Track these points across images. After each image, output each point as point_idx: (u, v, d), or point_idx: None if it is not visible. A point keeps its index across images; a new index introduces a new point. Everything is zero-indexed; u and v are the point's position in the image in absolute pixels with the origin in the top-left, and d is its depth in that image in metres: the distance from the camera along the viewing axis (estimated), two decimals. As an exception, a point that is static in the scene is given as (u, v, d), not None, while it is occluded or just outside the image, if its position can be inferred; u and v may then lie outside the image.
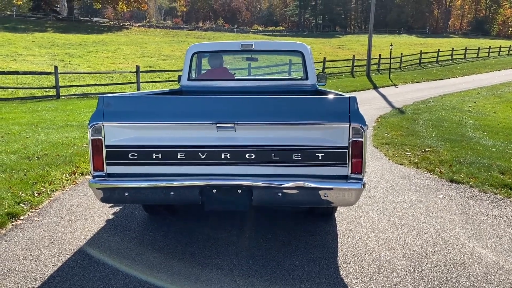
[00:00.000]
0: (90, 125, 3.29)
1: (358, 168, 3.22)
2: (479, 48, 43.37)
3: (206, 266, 3.53)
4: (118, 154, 3.31)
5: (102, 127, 3.27)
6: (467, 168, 6.40)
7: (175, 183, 3.28)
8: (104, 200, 3.45)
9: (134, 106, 3.36)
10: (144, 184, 3.31)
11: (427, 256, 3.70)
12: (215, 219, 4.54)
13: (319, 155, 3.22)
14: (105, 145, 3.29)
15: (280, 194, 3.24)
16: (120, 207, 4.92)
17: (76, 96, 17.07)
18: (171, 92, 5.29)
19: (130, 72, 20.54)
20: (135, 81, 18.70)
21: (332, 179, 3.24)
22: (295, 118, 3.19)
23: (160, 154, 3.29)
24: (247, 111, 3.23)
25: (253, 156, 3.24)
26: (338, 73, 28.11)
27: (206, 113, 3.22)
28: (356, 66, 28.98)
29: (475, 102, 15.85)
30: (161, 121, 3.25)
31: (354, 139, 3.16)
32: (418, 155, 7.38)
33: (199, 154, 3.27)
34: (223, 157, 3.26)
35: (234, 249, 3.81)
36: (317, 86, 5.62)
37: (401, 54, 33.36)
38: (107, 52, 33.28)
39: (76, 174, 6.21)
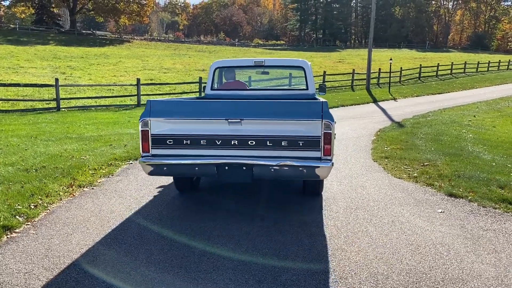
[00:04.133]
0: (141, 120, 4.62)
1: (328, 152, 4.45)
2: (478, 63, 43.58)
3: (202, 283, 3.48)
4: (159, 141, 4.64)
5: (149, 121, 4.60)
6: (466, 182, 6.37)
7: (199, 161, 4.58)
8: (150, 173, 4.77)
9: (170, 107, 4.78)
10: (177, 162, 4.63)
11: (425, 272, 3.65)
12: (213, 226, 4.54)
13: (301, 142, 4.45)
14: (151, 134, 4.62)
15: (272, 170, 4.50)
16: (117, 220, 4.89)
17: (77, 109, 17.11)
18: (197, 99, 6.48)
19: (131, 84, 20.62)
20: (136, 93, 18.77)
21: (309, 159, 4.46)
22: (283, 116, 4.43)
23: (188, 140, 4.60)
24: (249, 111, 4.49)
25: (254, 143, 4.51)
26: (338, 86, 28.20)
27: (221, 112, 4.52)
28: (356, 80, 29.10)
29: (474, 116, 15.84)
30: (189, 118, 4.58)
31: (325, 131, 4.37)
32: (417, 169, 7.36)
33: (216, 141, 4.55)
34: (232, 143, 4.53)
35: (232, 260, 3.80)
36: (316, 95, 6.61)
37: (401, 68, 33.51)
38: (108, 65, 33.48)
39: (74, 186, 6.18)
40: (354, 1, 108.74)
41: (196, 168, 4.64)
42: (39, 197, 5.57)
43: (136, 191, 6.11)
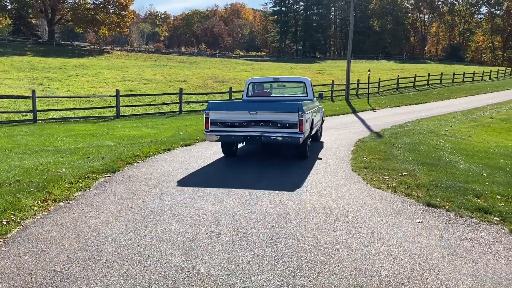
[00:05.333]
0: (206, 112, 8.53)
1: (302, 129, 8.09)
2: (454, 74, 44.67)
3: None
4: (214, 123, 8.43)
5: (209, 113, 8.43)
6: (444, 192, 6.46)
7: (234, 133, 8.36)
8: (209, 140, 8.66)
9: (219, 105, 8.67)
10: (223, 133, 8.38)
11: (404, 283, 3.66)
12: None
13: (287, 123, 8.17)
14: (210, 119, 8.44)
15: (272, 138, 8.17)
16: (93, 235, 4.77)
17: (54, 120, 16.81)
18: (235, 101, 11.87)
19: (110, 96, 20.39)
20: (115, 105, 18.56)
21: (292, 133, 8.13)
22: (278, 110, 8.25)
23: (228, 123, 8.37)
24: (260, 107, 8.32)
25: (263, 124, 8.25)
26: (318, 98, 28.47)
27: (245, 108, 8.35)
28: (335, 90, 29.44)
29: (451, 126, 16.18)
30: (229, 111, 8.41)
31: (300, 118, 8.07)
32: (395, 179, 7.43)
33: (243, 123, 8.30)
34: (251, 124, 8.28)
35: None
36: (314, 99, 10.94)
37: (379, 79, 34.09)
38: (87, 76, 33.07)
39: (49, 201, 6.03)
40: (333, 13, 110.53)
41: (232, 137, 8.52)
42: (12, 212, 5.41)
43: (113, 204, 5.99)
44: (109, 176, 7.66)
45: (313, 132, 10.12)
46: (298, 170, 8.20)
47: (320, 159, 9.40)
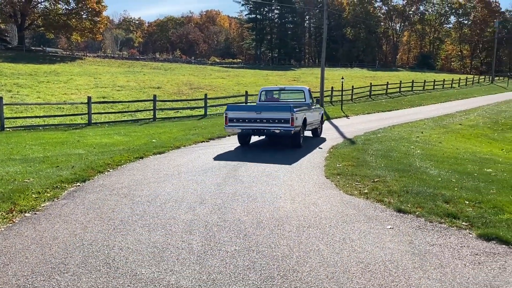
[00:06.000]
0: (225, 112, 11.81)
1: (292, 124, 11.09)
2: (424, 81, 45.79)
3: None
4: (231, 120, 11.59)
5: (227, 112, 11.70)
6: (414, 198, 6.57)
7: (245, 128, 11.52)
8: (228, 132, 12.82)
9: (235, 107, 12.63)
10: (237, 128, 11.64)
11: (374, 290, 3.68)
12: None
13: (283, 120, 11.15)
14: (228, 117, 11.61)
15: (272, 130, 11.25)
16: (60, 247, 4.62)
17: (23, 128, 16.33)
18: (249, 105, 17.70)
19: (82, 103, 19.99)
20: (87, 112, 18.19)
21: (286, 127, 11.11)
22: (277, 110, 11.36)
23: (241, 120, 11.49)
24: (264, 109, 11.56)
25: (265, 121, 11.27)
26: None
27: (254, 110, 11.65)
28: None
29: (422, 132, 16.53)
30: (242, 111, 11.83)
31: (291, 117, 11.03)
32: (368, 185, 7.52)
33: (252, 120, 11.40)
34: (258, 121, 11.33)
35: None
36: (312, 103, 13.84)
37: (353, 86, 34.62)
38: (59, 83, 32.34)
39: (14, 212, 5.82)
40: (307, 22, 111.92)
41: (244, 130, 11.53)
42: (-26, 224, 5.19)
43: (82, 215, 5.83)
44: (78, 186, 7.47)
45: (311, 128, 13.78)
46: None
47: (294, 166, 9.44)
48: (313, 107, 13.73)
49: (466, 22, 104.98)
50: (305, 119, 12.30)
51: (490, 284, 3.87)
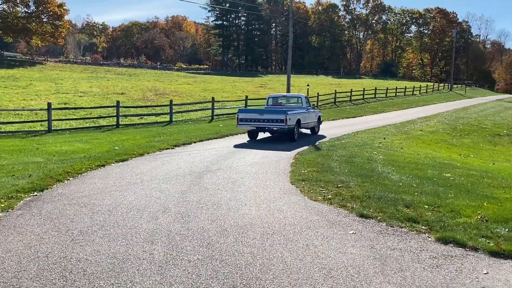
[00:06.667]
0: (237, 114, 15.23)
1: (286, 123, 14.27)
2: (387, 89, 47.08)
3: None
4: (241, 119, 14.89)
5: (238, 114, 15.08)
6: (376, 203, 6.69)
7: (252, 125, 14.89)
8: (239, 129, 15.90)
9: (244, 110, 16.17)
10: (245, 126, 15.13)
11: (337, 295, 3.70)
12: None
13: (279, 120, 14.35)
14: (239, 118, 14.94)
15: (271, 128, 14.77)
16: (13, 261, 4.41)
17: (-23, 135, 15.58)
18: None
19: (41, 109, 19.33)
20: (47, 118, 17.59)
21: (282, 125, 14.38)
22: (275, 114, 14.65)
23: (249, 119, 14.78)
24: (266, 111, 15.04)
25: (266, 120, 14.56)
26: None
27: (258, 112, 15.09)
28: (276, 104, 29.94)
29: (384, 138, 16.94)
30: (249, 113, 15.16)
31: (286, 117, 14.24)
32: (331, 191, 7.60)
33: (256, 120, 14.69)
34: (261, 120, 14.65)
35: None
36: (309, 107, 17.05)
37: (318, 93, 35.14)
38: (17, 88, 31.17)
39: (-36, 224, 5.51)
40: (274, 29, 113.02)
41: (250, 127, 14.98)
42: None
43: (38, 226, 5.60)
44: (36, 195, 7.18)
45: (307, 126, 16.76)
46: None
47: (260, 172, 9.44)
48: (309, 110, 16.70)
49: (426, 31, 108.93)
50: (299, 120, 15.23)
51: (447, 286, 3.98)
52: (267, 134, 16.33)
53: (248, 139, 15.66)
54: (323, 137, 16.61)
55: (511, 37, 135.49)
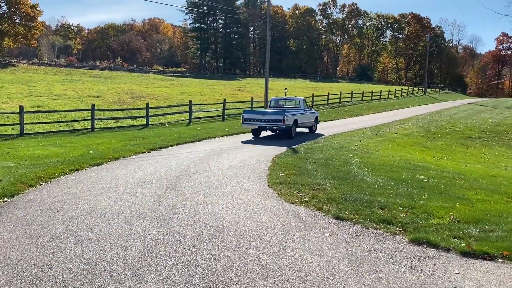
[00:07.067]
0: (242, 114, 17.56)
1: (284, 122, 16.43)
2: (363, 92, 47.77)
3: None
4: (246, 120, 17.18)
5: (243, 114, 17.41)
6: (352, 205, 6.76)
7: (254, 124, 17.17)
8: (244, 127, 18.07)
9: (248, 111, 18.29)
10: (249, 125, 17.35)
11: (312, 298, 3.72)
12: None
13: (278, 120, 16.54)
14: (244, 118, 17.24)
15: (271, 127, 16.96)
16: (-20, 269, 4.26)
17: None
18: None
19: (13, 112, 18.83)
20: (18, 122, 17.13)
21: (280, 124, 16.56)
22: (275, 115, 16.89)
23: (252, 119, 17.10)
24: (266, 113, 17.41)
25: (267, 120, 16.86)
26: (238, 114, 28.69)
27: (260, 113, 17.63)
28: (255, 107, 29.95)
29: (360, 141, 17.17)
30: (253, 114, 17.62)
31: (285, 117, 16.43)
32: (308, 194, 7.65)
33: (258, 120, 17.03)
34: (262, 120, 16.98)
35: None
36: (306, 109, 19.57)
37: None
38: (-13, 91, 30.28)
39: None
40: (252, 32, 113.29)
41: (252, 126, 17.16)
42: None
43: (8, 232, 5.44)
44: (6, 201, 6.97)
45: (305, 126, 18.99)
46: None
47: (238, 176, 9.43)
48: (306, 112, 19.00)
49: (400, 36, 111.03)
50: (296, 120, 17.39)
51: (420, 287, 4.04)
52: (263, 134, 18.61)
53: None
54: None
55: (482, 42, 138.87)
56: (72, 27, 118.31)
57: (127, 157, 11.77)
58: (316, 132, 19.86)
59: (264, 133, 18.28)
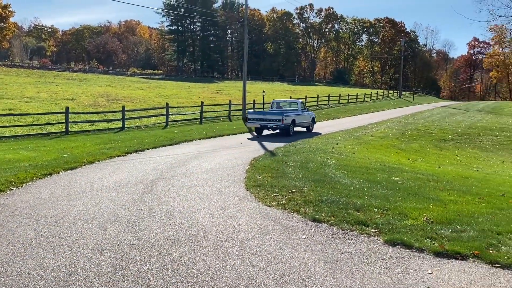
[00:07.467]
0: (246, 114, 20.80)
1: (283, 122, 18.85)
2: (340, 95, 48.34)
3: None
4: (250, 119, 19.72)
5: (248, 114, 20.12)
6: (328, 207, 6.81)
7: (256, 123, 19.56)
8: (248, 126, 20.77)
9: (252, 112, 20.52)
10: (252, 124, 19.79)
11: (288, 301, 3.72)
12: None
13: (278, 119, 18.96)
14: (248, 117, 19.92)
15: (272, 126, 19.36)
16: None
17: None
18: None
19: (-17, 115, 18.26)
20: (-11, 125, 16.63)
21: (279, 123, 18.97)
22: (275, 115, 19.32)
23: (255, 119, 19.53)
24: (268, 113, 20.06)
25: (268, 120, 19.27)
26: (216, 117, 28.68)
27: (262, 113, 20.24)
28: (233, 110, 29.91)
29: (337, 144, 17.34)
30: (255, 114, 19.92)
31: (284, 117, 18.87)
32: (285, 196, 7.67)
33: (261, 119, 19.42)
34: (264, 120, 19.37)
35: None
36: (304, 110, 21.75)
37: (273, 99, 35.49)
38: (-44, 93, 29.32)
39: None
40: (229, 35, 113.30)
41: (255, 124, 19.51)
42: None
43: (-24, 240, 5.25)
44: (-26, 207, 6.74)
45: (302, 125, 21.23)
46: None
47: (215, 179, 9.38)
48: (304, 113, 21.16)
49: (376, 40, 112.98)
50: (294, 120, 19.60)
51: (394, 287, 4.10)
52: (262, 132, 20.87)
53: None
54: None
55: (455, 47, 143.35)
56: (45, 28, 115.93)
57: (102, 161, 11.57)
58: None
59: (264, 132, 20.64)
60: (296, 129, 20.53)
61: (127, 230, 5.66)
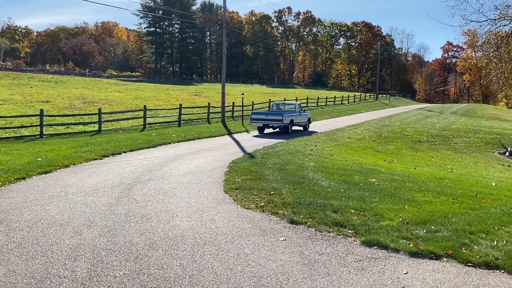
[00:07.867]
0: (250, 115, 23.34)
1: (283, 121, 21.42)
2: (318, 98, 48.77)
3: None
4: (253, 119, 22.39)
5: (251, 115, 22.90)
6: (306, 209, 6.86)
7: (259, 122, 22.31)
8: (252, 125, 23.23)
9: (255, 112, 23.87)
10: (255, 123, 22.52)
11: (266, 303, 3.72)
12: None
13: (279, 119, 21.51)
14: (252, 118, 22.56)
15: (273, 125, 21.92)
16: None
17: None
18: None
19: (-47, 118, 17.68)
20: (-41, 128, 16.12)
21: (280, 123, 21.52)
22: (275, 115, 22.00)
23: (257, 119, 22.29)
24: (269, 113, 22.92)
25: (270, 119, 21.89)
26: (195, 119, 28.51)
27: (263, 114, 22.88)
28: (212, 113, 29.83)
29: (315, 146, 17.48)
30: (259, 114, 22.77)
31: (283, 118, 21.46)
32: (264, 198, 7.68)
33: (263, 119, 22.11)
34: (265, 119, 22.04)
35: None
36: (302, 111, 24.93)
37: (253, 102, 35.58)
38: None
39: None
40: (208, 37, 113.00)
41: (258, 124, 22.28)
42: None
43: None
44: None
45: (299, 125, 23.69)
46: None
47: (193, 182, 9.32)
48: (301, 113, 23.91)
49: (353, 44, 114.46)
50: (292, 120, 22.11)
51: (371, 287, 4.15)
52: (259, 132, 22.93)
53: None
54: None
55: (430, 51, 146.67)
56: (19, 29, 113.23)
57: (78, 164, 11.36)
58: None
59: (264, 131, 22.94)
60: (294, 128, 23.02)
61: (103, 235, 5.57)
